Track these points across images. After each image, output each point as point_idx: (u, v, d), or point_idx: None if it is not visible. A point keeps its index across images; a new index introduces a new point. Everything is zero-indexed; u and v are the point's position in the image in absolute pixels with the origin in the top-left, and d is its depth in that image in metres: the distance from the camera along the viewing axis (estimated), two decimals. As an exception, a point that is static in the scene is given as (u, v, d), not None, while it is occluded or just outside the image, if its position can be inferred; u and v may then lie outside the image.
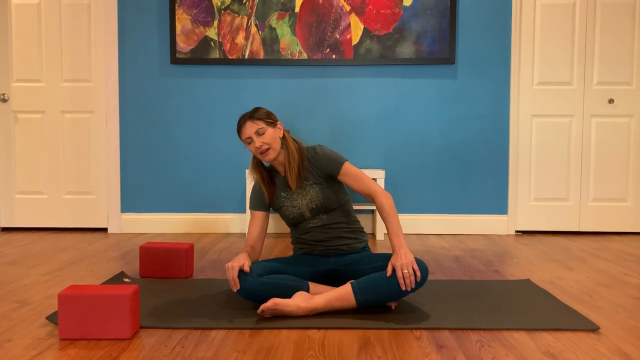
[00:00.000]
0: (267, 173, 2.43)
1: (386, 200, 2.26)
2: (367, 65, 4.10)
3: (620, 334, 1.98)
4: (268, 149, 2.29)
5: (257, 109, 2.33)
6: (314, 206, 2.34)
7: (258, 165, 2.42)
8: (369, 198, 2.32)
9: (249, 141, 2.31)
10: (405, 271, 2.07)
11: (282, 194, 2.39)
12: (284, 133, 2.37)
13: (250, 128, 2.30)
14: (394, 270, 2.10)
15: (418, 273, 2.09)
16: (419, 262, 2.15)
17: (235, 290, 2.15)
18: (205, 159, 4.19)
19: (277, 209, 2.43)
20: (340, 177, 2.34)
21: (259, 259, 2.58)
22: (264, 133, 2.29)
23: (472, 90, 4.12)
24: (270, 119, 2.33)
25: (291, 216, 2.38)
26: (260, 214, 2.43)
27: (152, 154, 4.18)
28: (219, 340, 1.90)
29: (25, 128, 4.23)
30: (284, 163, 2.36)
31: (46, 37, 4.19)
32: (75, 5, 4.17)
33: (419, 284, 2.12)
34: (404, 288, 2.08)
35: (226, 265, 2.16)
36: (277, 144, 2.32)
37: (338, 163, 2.33)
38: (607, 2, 4.08)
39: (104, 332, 1.89)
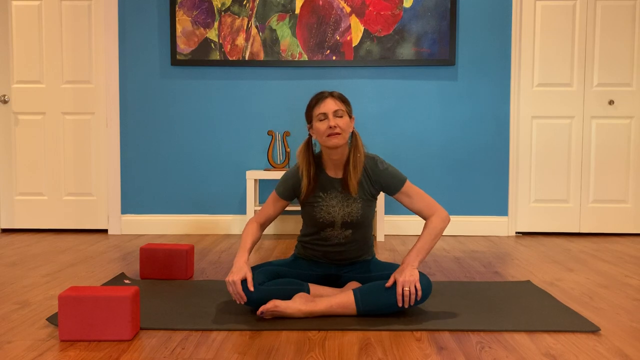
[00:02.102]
0: (314, 166, 2.23)
1: (440, 223, 2.15)
2: (368, 66, 4.10)
3: (620, 336, 1.98)
4: (339, 134, 2.12)
5: (340, 93, 2.19)
6: (349, 220, 2.22)
7: (310, 150, 2.23)
8: (423, 215, 2.20)
9: (322, 117, 2.14)
10: (407, 289, 2.05)
11: (320, 193, 2.23)
12: (354, 130, 2.23)
13: (332, 105, 2.14)
14: (394, 284, 2.09)
15: (420, 292, 2.08)
16: (423, 278, 2.13)
17: (240, 303, 2.11)
18: (206, 160, 4.19)
19: (305, 205, 2.26)
20: (396, 195, 2.21)
21: (256, 254, 2.57)
22: (342, 116, 2.15)
23: (473, 91, 4.12)
24: (349, 106, 2.20)
25: (320, 220, 2.23)
26: (282, 202, 2.29)
27: (152, 155, 4.19)
28: (219, 342, 1.90)
29: (26, 129, 4.24)
30: (340, 162, 2.22)
31: (47, 39, 4.19)
32: (75, 7, 4.17)
33: (419, 302, 2.11)
34: (400, 304, 2.07)
35: (226, 279, 2.11)
36: (347, 136, 2.16)
37: (400, 181, 2.21)
38: (607, 3, 4.08)
39: (105, 334, 1.89)
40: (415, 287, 2.06)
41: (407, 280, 2.06)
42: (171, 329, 2.01)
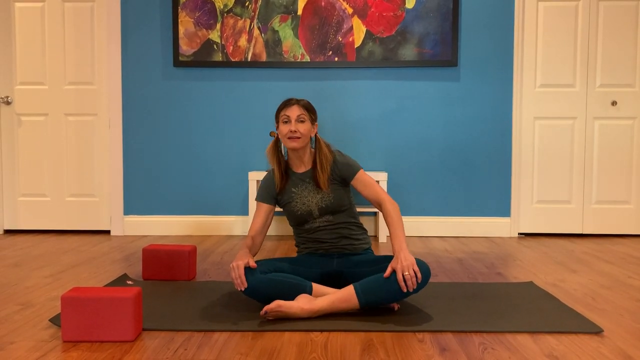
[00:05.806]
0: (283, 161, 2.46)
1: (393, 207, 2.30)
2: (370, 67, 4.10)
3: (623, 337, 1.97)
4: (298, 138, 2.34)
5: (307, 101, 2.42)
6: (323, 205, 2.38)
7: (277, 148, 2.45)
8: (377, 205, 2.36)
9: (286, 120, 2.35)
10: (407, 273, 2.08)
11: (293, 189, 2.42)
12: (316, 134, 2.45)
13: (296, 111, 2.36)
14: (394, 271, 2.11)
15: (419, 274, 2.10)
16: (420, 263, 2.17)
17: (241, 290, 2.14)
18: (208, 161, 4.19)
19: (284, 205, 2.44)
20: (352, 183, 2.41)
21: (258, 255, 2.58)
22: (303, 121, 2.36)
23: (475, 92, 4.12)
24: (313, 114, 2.41)
25: (299, 213, 2.40)
26: (265, 207, 2.45)
27: (155, 156, 4.19)
28: (222, 343, 1.90)
29: (29, 130, 4.25)
30: (304, 160, 2.42)
31: (49, 40, 4.20)
32: (78, 9, 4.18)
33: (420, 285, 2.14)
34: (405, 290, 2.10)
35: (231, 264, 2.16)
36: (307, 140, 2.38)
37: (354, 170, 2.41)
38: (609, 4, 4.08)
39: (107, 335, 1.89)
40: (413, 270, 2.10)
41: (404, 265, 2.10)
42: (173, 330, 2.01)
